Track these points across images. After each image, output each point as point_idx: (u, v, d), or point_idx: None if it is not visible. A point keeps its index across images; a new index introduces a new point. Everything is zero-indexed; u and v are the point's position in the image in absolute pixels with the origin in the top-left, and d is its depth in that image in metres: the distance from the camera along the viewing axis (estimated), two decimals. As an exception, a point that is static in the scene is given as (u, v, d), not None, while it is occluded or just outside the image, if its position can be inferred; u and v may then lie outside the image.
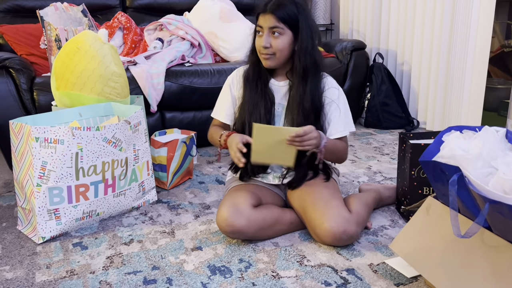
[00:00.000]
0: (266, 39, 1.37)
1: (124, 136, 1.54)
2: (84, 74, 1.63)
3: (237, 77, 1.53)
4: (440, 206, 1.07)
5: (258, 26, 1.39)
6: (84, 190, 1.47)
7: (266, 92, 1.45)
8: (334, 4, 3.63)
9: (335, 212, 1.32)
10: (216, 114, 1.56)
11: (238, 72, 1.53)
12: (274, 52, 1.38)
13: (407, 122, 2.80)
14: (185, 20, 2.69)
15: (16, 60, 2.04)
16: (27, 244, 1.44)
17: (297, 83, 1.41)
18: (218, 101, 1.58)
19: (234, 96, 1.52)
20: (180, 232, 1.49)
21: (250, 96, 1.45)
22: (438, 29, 2.56)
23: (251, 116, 1.43)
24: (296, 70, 1.40)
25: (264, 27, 1.37)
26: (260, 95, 1.44)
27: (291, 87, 1.44)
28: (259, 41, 1.39)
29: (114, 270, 1.28)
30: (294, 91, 1.42)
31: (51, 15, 2.13)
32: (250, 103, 1.45)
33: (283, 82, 1.47)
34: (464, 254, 0.97)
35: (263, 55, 1.40)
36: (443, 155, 0.97)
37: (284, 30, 1.36)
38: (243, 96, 1.48)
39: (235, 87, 1.52)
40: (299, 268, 1.26)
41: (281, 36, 1.36)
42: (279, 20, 1.35)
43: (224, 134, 1.43)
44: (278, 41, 1.36)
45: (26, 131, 1.40)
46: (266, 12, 1.36)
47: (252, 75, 1.47)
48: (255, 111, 1.43)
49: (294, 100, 1.42)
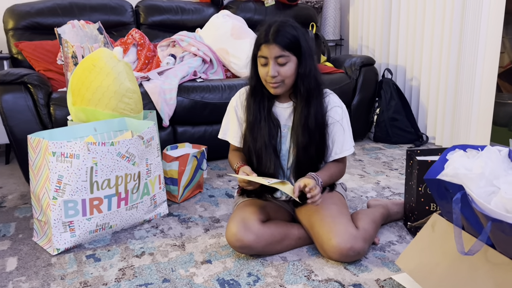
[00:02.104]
0: (274, 68, 1.36)
1: (137, 151, 1.59)
2: (100, 90, 1.68)
3: (240, 100, 1.54)
4: (445, 223, 1.09)
5: (262, 57, 1.37)
6: (98, 203, 1.51)
7: (270, 117, 1.46)
8: (344, 19, 3.68)
9: (342, 228, 1.34)
10: (231, 139, 1.57)
11: (241, 95, 1.54)
12: (282, 80, 1.39)
13: (416, 137, 2.81)
14: (197, 37, 2.76)
15: (34, 76, 2.11)
16: (43, 256, 1.48)
17: (301, 105, 1.43)
18: (227, 124, 1.59)
19: (240, 119, 1.54)
20: (190, 245, 1.53)
21: (254, 122, 1.46)
22: (446, 45, 2.59)
23: (256, 143, 1.45)
24: (300, 92, 1.42)
25: (270, 57, 1.36)
26: (265, 121, 1.45)
27: (295, 109, 1.45)
28: (264, 71, 1.39)
29: (126, 282, 1.31)
30: (299, 112, 1.43)
31: (68, 32, 2.20)
32: (254, 130, 1.46)
33: (286, 104, 1.49)
34: (468, 271, 0.99)
35: (271, 84, 1.39)
36: (447, 173, 0.99)
37: (289, 57, 1.37)
38: (246, 121, 1.49)
39: (240, 110, 1.53)
40: (306, 283, 1.28)
41: (287, 63, 1.37)
42: (284, 49, 1.34)
43: (236, 166, 1.47)
44: (285, 68, 1.37)
45: (44, 145, 1.45)
46: (269, 43, 1.34)
47: (254, 101, 1.47)
48: (259, 138, 1.45)
49: (299, 121, 1.43)
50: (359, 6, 3.41)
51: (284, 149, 1.49)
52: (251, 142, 1.47)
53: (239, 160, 1.50)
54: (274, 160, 1.45)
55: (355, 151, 2.64)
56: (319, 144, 1.43)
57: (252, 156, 1.47)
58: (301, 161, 1.46)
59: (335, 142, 1.48)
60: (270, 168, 1.44)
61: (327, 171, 1.47)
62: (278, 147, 1.48)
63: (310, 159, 1.46)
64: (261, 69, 1.41)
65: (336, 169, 1.50)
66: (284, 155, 1.49)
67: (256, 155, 1.46)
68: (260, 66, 1.41)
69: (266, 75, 1.39)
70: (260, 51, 1.38)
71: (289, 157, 1.49)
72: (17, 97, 2.03)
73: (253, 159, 1.47)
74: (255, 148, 1.45)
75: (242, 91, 1.55)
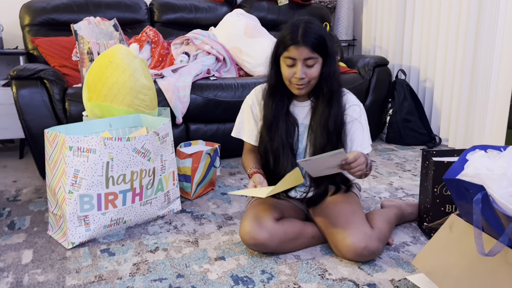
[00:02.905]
0: (302, 70, 1.34)
1: (152, 147, 1.60)
2: (115, 86, 1.69)
3: (256, 98, 1.52)
4: (464, 224, 1.08)
5: (290, 58, 1.35)
6: (113, 198, 1.52)
7: (289, 116, 1.45)
8: (357, 20, 3.66)
9: (357, 227, 1.33)
10: (247, 137, 1.56)
11: (257, 93, 1.53)
12: (308, 81, 1.38)
13: (429, 139, 2.79)
14: (211, 35, 2.77)
15: (50, 72, 2.13)
16: (57, 249, 1.49)
17: (322, 105, 1.42)
18: (242, 123, 1.57)
19: (256, 117, 1.53)
20: (204, 242, 1.53)
21: (273, 121, 1.45)
22: (462, 46, 2.57)
23: (274, 142, 1.44)
24: (323, 93, 1.40)
25: (298, 59, 1.34)
26: (283, 119, 1.44)
27: (315, 108, 1.45)
28: (290, 72, 1.37)
29: (140, 276, 1.32)
30: (319, 113, 1.42)
31: (84, 29, 2.22)
32: (272, 128, 1.45)
33: (305, 103, 1.49)
34: (487, 273, 0.98)
35: (297, 85, 1.38)
36: (467, 173, 0.99)
37: (317, 59, 1.35)
38: (263, 119, 1.48)
39: (256, 108, 1.52)
40: (321, 281, 1.28)
41: (314, 65, 1.36)
42: (313, 50, 1.33)
43: (250, 172, 1.46)
44: (312, 70, 1.36)
45: (61, 140, 1.46)
46: (299, 44, 1.32)
47: (273, 100, 1.45)
48: (277, 136, 1.44)
49: (319, 122, 1.42)
50: (372, 6, 3.40)
51: (300, 147, 1.49)
52: (268, 141, 1.46)
53: (253, 163, 1.49)
54: (291, 159, 1.44)
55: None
56: (336, 145, 1.42)
57: (268, 155, 1.46)
58: None
59: (354, 140, 1.46)
60: (287, 167, 1.43)
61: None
62: (295, 146, 1.47)
63: None
64: (286, 70, 1.38)
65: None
66: (300, 154, 1.49)
67: (273, 154, 1.45)
68: (285, 67, 1.38)
69: (291, 76, 1.37)
70: (288, 52, 1.35)
71: (305, 156, 1.48)
72: (33, 92, 2.05)
73: (269, 159, 1.46)
74: (272, 147, 1.45)
75: (258, 89, 1.54)
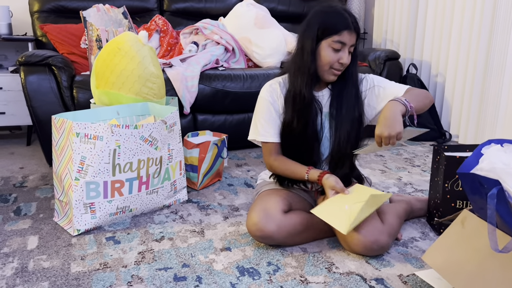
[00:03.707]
0: (348, 56, 1.36)
1: (160, 136, 1.58)
2: (124, 74, 1.68)
3: (276, 93, 1.45)
4: (476, 220, 1.06)
5: (339, 43, 1.33)
6: (119, 186, 1.51)
7: (313, 105, 1.42)
8: (368, 13, 3.61)
9: (367, 221, 1.31)
10: (272, 137, 1.46)
11: (274, 88, 1.46)
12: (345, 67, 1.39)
13: (439, 134, 2.75)
14: (220, 25, 2.74)
15: (58, 58, 2.12)
16: (63, 236, 1.49)
17: (343, 90, 1.42)
18: (263, 124, 1.46)
19: (278, 113, 1.45)
20: (210, 232, 1.52)
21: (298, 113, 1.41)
22: (475, 40, 2.52)
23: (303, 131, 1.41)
24: (344, 79, 1.41)
25: (348, 44, 1.34)
26: (308, 108, 1.41)
27: (333, 95, 1.44)
28: (335, 57, 1.35)
29: (145, 265, 1.31)
30: (340, 98, 1.42)
31: (93, 16, 2.20)
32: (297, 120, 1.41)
33: (324, 91, 1.46)
34: (500, 269, 0.95)
35: (336, 70, 1.37)
36: (482, 167, 0.96)
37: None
38: (286, 112, 1.43)
39: (276, 103, 1.45)
40: (327, 275, 1.26)
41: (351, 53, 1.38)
42: (358, 37, 1.37)
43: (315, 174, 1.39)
44: (350, 56, 1.38)
45: (68, 126, 1.45)
46: (352, 30, 1.33)
47: (300, 90, 1.39)
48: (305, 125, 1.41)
49: (339, 107, 1.42)
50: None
51: (323, 135, 1.46)
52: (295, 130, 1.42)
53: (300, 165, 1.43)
54: (315, 146, 1.44)
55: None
56: (359, 122, 1.42)
57: (293, 145, 1.44)
58: (339, 147, 1.42)
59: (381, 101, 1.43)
60: (311, 155, 1.43)
61: (410, 94, 1.37)
62: (320, 135, 1.45)
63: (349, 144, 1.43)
64: (331, 54, 1.35)
65: (417, 90, 1.40)
66: (324, 144, 1.47)
67: (299, 141, 1.43)
68: (330, 51, 1.35)
69: (335, 61, 1.36)
70: (340, 36, 1.33)
71: (329, 146, 1.46)
72: (41, 79, 2.04)
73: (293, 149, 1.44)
74: (298, 134, 1.42)
75: (274, 85, 1.47)
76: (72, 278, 1.24)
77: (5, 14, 2.60)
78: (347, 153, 1.43)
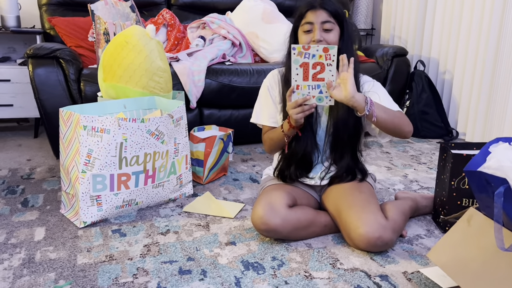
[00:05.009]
0: (319, 33, 1.35)
1: (166, 130, 1.59)
2: (131, 67, 1.68)
3: (274, 79, 1.52)
4: (482, 218, 1.05)
5: (307, 24, 1.36)
6: (125, 179, 1.52)
7: None
8: (376, 9, 3.59)
9: (372, 217, 1.31)
10: (266, 121, 1.51)
11: (274, 75, 1.52)
12: None
13: (446, 132, 2.74)
14: (227, 20, 2.73)
15: (66, 51, 2.13)
16: (69, 228, 1.50)
17: None
18: (260, 107, 1.54)
19: (275, 99, 1.51)
20: (215, 226, 1.52)
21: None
22: (484, 38, 2.50)
23: None
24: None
25: (316, 22, 1.35)
26: None
27: None
28: (307, 38, 1.37)
29: (151, 258, 1.32)
30: None
31: (101, 9, 2.21)
32: None
33: None
34: (506, 268, 0.95)
35: None
36: (489, 165, 0.95)
37: (334, 25, 1.37)
38: (282, 100, 1.46)
39: (274, 90, 1.51)
40: (331, 271, 1.26)
41: (332, 31, 1.37)
42: (330, 15, 1.36)
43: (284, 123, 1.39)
44: (330, 35, 1.36)
45: (75, 119, 1.46)
46: (316, 8, 1.36)
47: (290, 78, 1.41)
48: None
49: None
50: (393, -5, 3.32)
51: (320, 127, 1.46)
52: None
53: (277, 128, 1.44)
54: (311, 138, 1.44)
55: (382, 143, 2.59)
56: (356, 122, 1.41)
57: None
58: (339, 137, 1.43)
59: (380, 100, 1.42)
60: (307, 146, 1.43)
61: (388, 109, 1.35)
62: (314, 126, 1.45)
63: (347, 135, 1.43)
64: (303, 37, 1.38)
65: (400, 114, 1.39)
66: (320, 135, 1.47)
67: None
68: (303, 34, 1.38)
69: (309, 42, 1.36)
70: (305, 18, 1.37)
71: (325, 136, 1.47)
72: (49, 71, 2.05)
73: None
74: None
75: (275, 72, 1.53)
76: (79, 270, 1.25)
77: (14, 6, 2.62)
78: (346, 141, 1.44)
